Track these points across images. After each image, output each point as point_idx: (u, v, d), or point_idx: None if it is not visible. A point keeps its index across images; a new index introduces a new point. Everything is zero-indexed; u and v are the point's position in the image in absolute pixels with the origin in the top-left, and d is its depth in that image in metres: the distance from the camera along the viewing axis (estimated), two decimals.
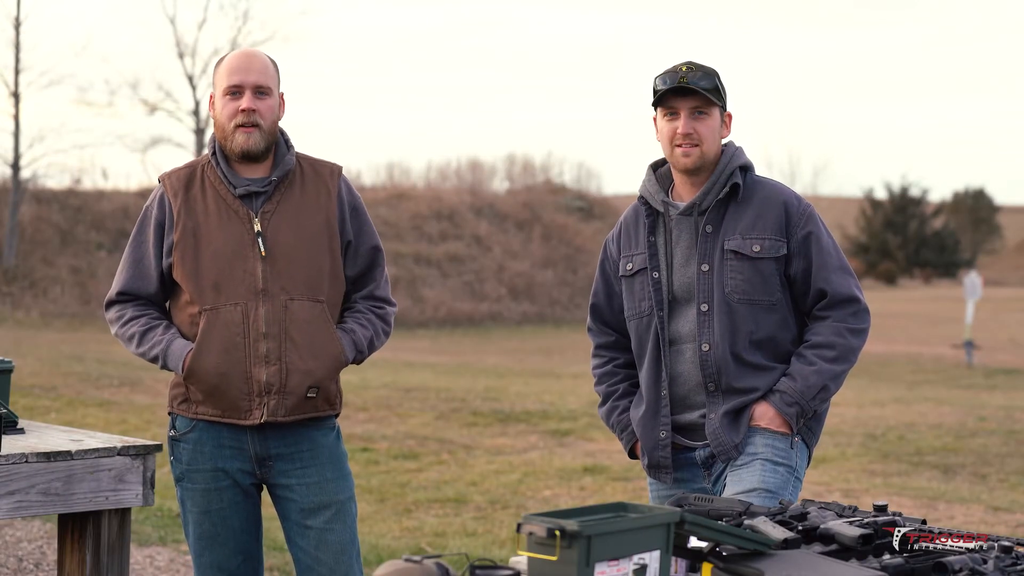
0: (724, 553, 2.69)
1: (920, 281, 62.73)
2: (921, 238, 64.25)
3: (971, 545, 2.73)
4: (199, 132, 37.11)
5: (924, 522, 2.88)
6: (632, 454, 4.02)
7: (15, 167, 31.51)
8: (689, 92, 3.80)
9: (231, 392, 3.89)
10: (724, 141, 3.92)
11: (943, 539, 2.77)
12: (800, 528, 2.83)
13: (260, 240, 3.91)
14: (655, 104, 3.87)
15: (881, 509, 2.95)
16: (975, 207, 73.27)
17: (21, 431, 4.22)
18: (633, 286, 3.93)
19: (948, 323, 32.54)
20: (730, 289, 3.80)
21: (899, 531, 2.82)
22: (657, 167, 4.00)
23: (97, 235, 32.25)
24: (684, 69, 3.81)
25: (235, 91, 3.90)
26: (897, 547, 2.81)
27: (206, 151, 4.06)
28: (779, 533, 2.73)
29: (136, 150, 46.98)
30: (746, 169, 3.90)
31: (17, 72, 31.80)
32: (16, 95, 31.77)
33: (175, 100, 37.74)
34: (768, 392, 3.80)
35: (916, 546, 2.79)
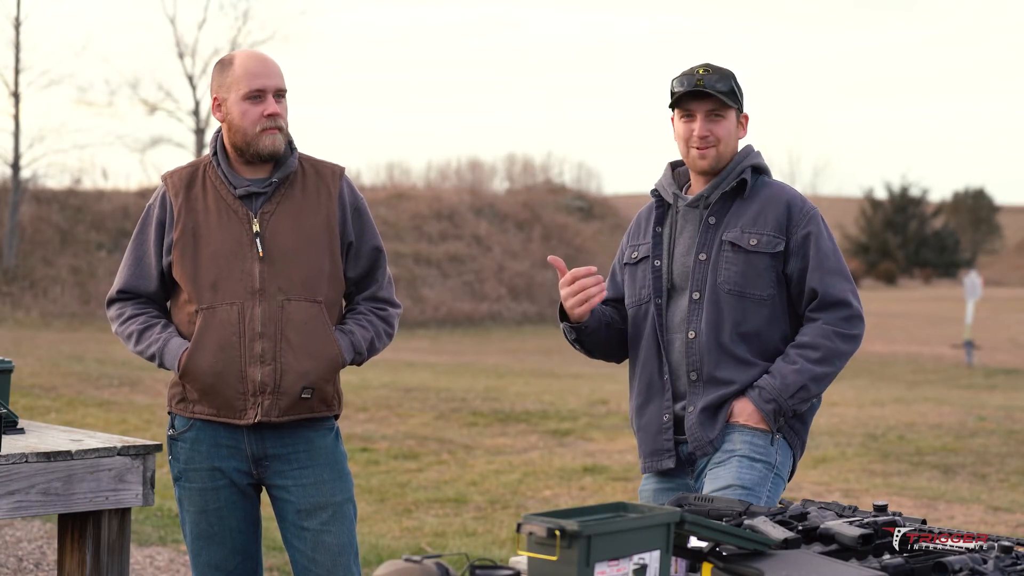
0: (724, 553, 2.69)
1: (920, 281, 62.76)
2: (921, 238, 64.29)
3: (971, 545, 2.73)
4: (199, 132, 37.12)
5: (924, 522, 2.88)
6: (563, 314, 3.90)
7: (15, 167, 31.52)
8: (704, 95, 3.86)
9: (226, 391, 3.89)
10: (742, 143, 3.97)
11: (943, 539, 2.77)
12: (800, 528, 2.83)
13: (258, 240, 3.91)
14: (672, 106, 3.92)
15: (881, 509, 2.95)
16: (975, 207, 73.32)
17: (21, 431, 4.22)
18: (636, 274, 3.98)
19: (948, 323, 32.56)
20: (722, 279, 3.83)
21: (899, 531, 2.82)
22: (676, 166, 4.07)
23: (97, 235, 32.26)
24: (701, 72, 3.87)
25: (258, 95, 3.90)
26: (897, 547, 2.81)
27: (207, 151, 4.06)
28: (779, 533, 2.73)
29: (136, 150, 47.04)
30: (759, 170, 3.94)
31: (17, 72, 31.81)
32: (16, 95, 31.77)
33: (175, 100, 37.81)
34: (748, 388, 3.82)
35: (916, 546, 2.79)
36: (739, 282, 3.82)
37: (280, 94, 3.94)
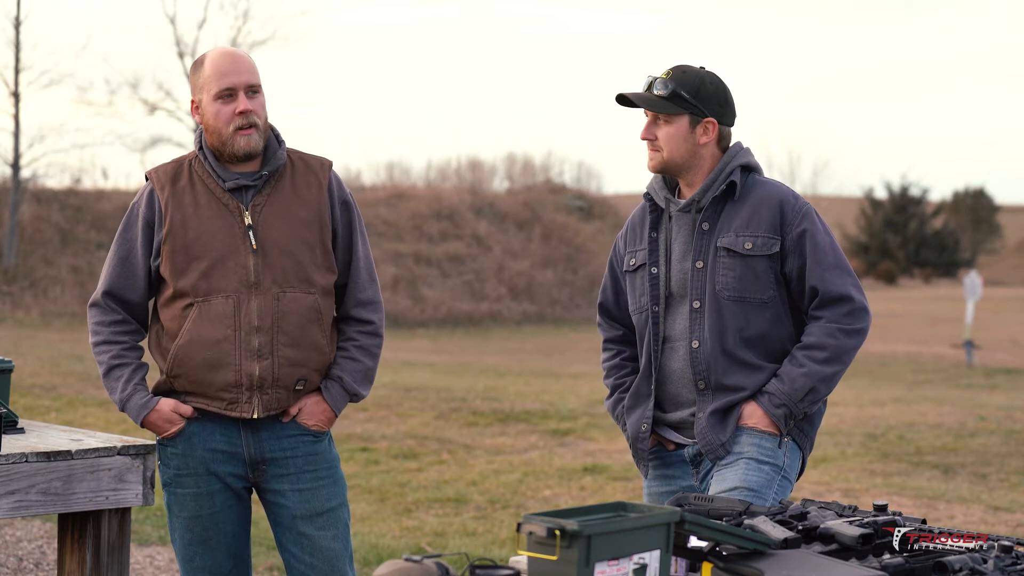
0: (724, 553, 2.69)
1: (920, 281, 62.74)
2: (921, 238, 64.25)
3: (971, 545, 2.73)
4: None
5: (924, 522, 2.88)
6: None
7: (15, 167, 31.49)
8: (630, 102, 3.86)
9: (220, 384, 3.87)
10: (709, 147, 3.89)
11: (943, 539, 2.77)
12: (800, 528, 2.83)
13: (251, 233, 3.90)
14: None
15: (881, 509, 2.95)
16: (975, 207, 73.26)
17: (21, 431, 4.22)
18: (635, 281, 3.97)
19: (948, 323, 32.54)
20: (721, 286, 3.82)
21: (899, 531, 2.82)
22: None
23: (97, 235, 32.25)
24: (657, 77, 3.85)
25: (229, 93, 3.87)
26: (897, 547, 2.81)
27: (193, 147, 4.04)
28: (779, 533, 2.73)
29: (136, 150, 46.96)
30: (749, 169, 3.91)
31: (17, 72, 31.77)
32: (16, 95, 31.74)
33: (175, 100, 37.72)
34: (757, 393, 3.82)
35: (916, 546, 2.79)
36: (738, 287, 3.81)
37: (253, 89, 3.90)
